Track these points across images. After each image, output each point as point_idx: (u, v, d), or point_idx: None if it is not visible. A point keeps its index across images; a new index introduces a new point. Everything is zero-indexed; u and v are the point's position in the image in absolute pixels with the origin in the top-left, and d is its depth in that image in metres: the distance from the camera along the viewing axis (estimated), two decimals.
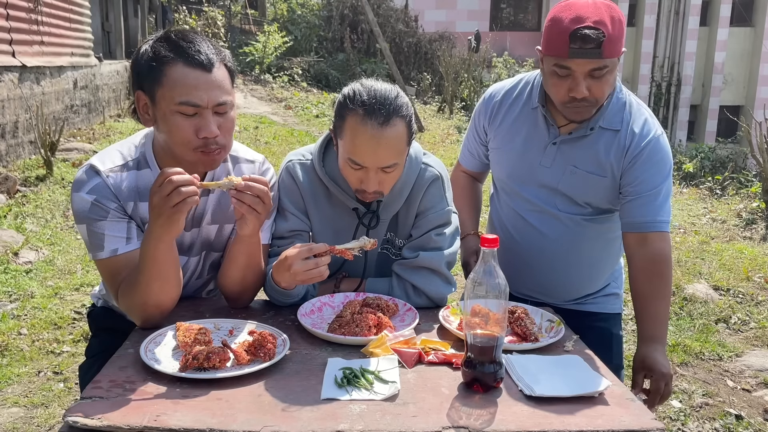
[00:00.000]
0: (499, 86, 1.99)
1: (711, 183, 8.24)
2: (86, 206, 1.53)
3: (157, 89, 1.48)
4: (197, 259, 1.74)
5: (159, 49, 1.48)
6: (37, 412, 2.85)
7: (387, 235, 1.78)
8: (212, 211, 1.68)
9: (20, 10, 6.46)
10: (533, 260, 1.91)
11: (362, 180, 1.58)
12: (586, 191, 1.81)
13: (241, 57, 13.29)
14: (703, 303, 4.23)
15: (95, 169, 1.56)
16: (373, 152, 1.53)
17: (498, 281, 1.25)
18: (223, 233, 1.73)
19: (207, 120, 1.48)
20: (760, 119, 6.79)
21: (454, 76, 12.38)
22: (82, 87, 8.16)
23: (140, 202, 1.57)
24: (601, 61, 1.60)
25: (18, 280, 4.10)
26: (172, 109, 1.47)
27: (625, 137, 1.76)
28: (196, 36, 1.52)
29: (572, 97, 1.66)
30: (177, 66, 1.46)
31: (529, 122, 1.86)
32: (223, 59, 1.53)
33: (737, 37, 15.96)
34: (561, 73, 1.65)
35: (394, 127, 1.54)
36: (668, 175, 1.76)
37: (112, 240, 1.53)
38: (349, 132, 1.55)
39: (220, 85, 1.50)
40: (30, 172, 6.07)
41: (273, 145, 8.50)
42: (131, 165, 1.59)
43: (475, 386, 1.28)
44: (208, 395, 1.22)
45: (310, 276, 1.51)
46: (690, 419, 2.97)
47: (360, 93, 1.55)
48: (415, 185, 1.71)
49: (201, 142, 1.49)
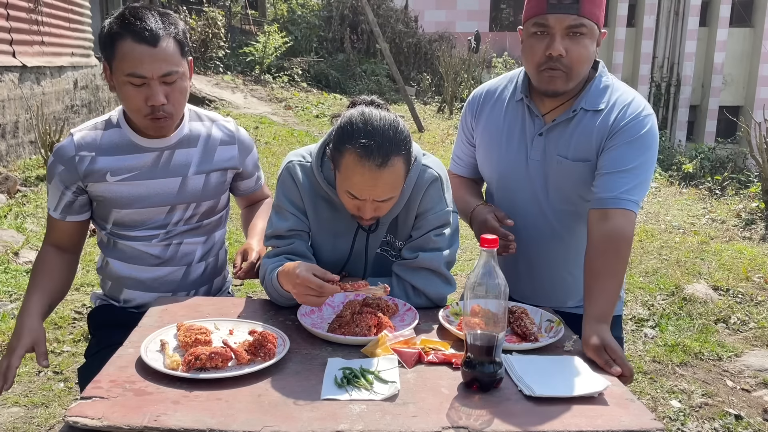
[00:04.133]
0: (483, 86, 1.99)
1: (710, 183, 8.25)
2: (48, 165, 1.81)
3: (112, 61, 1.67)
4: (184, 207, 1.85)
5: (113, 25, 1.66)
6: (37, 411, 2.85)
7: (386, 237, 1.78)
8: (197, 162, 1.84)
9: (20, 10, 6.46)
10: (531, 264, 1.89)
11: (359, 208, 1.59)
12: (575, 183, 1.77)
13: (241, 57, 13.29)
14: (703, 303, 4.24)
15: (70, 133, 1.81)
16: (371, 189, 1.54)
17: (498, 281, 1.25)
18: (210, 182, 1.87)
19: (154, 90, 1.65)
20: (759, 119, 6.80)
21: (453, 77, 12.40)
22: (82, 87, 8.17)
23: (98, 156, 1.77)
24: (578, 18, 1.61)
25: (18, 279, 4.10)
26: (123, 79, 1.66)
27: (609, 116, 1.72)
28: (146, 12, 1.67)
29: (548, 56, 1.64)
30: (126, 41, 1.64)
31: (515, 116, 1.85)
32: (171, 33, 1.68)
33: (737, 37, 15.97)
34: (539, 30, 1.65)
35: (392, 167, 1.52)
36: (645, 155, 1.68)
37: (49, 200, 1.83)
38: (346, 168, 1.54)
39: (166, 57, 1.66)
40: (30, 172, 6.08)
41: (273, 145, 8.51)
42: (99, 126, 1.82)
43: (475, 386, 1.28)
44: (208, 395, 1.22)
45: (308, 301, 1.52)
46: (689, 419, 2.97)
47: (358, 132, 1.51)
48: (415, 187, 1.71)
49: (149, 109, 1.68)
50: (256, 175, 2.04)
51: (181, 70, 1.70)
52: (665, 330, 3.92)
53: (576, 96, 1.76)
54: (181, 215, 1.85)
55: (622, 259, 1.62)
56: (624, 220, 1.62)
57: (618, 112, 1.71)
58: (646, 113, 1.72)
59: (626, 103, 1.73)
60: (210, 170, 1.87)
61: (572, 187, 1.79)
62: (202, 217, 1.89)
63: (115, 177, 1.77)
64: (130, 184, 1.78)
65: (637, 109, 1.72)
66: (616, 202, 1.63)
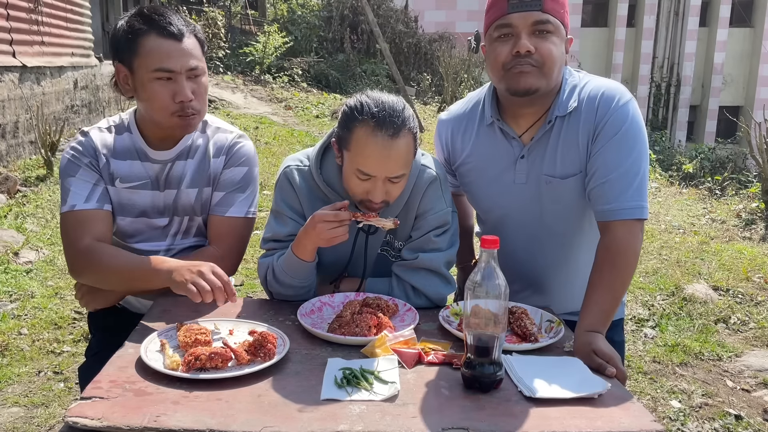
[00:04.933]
0: (445, 119, 1.88)
1: (710, 183, 8.25)
2: (64, 162, 1.72)
3: (135, 59, 1.63)
4: (179, 220, 1.81)
5: (133, 22, 1.63)
6: (37, 411, 2.85)
7: (386, 237, 1.78)
8: (191, 175, 1.78)
9: (20, 10, 6.47)
10: (531, 283, 1.81)
11: (369, 191, 1.59)
12: (570, 201, 1.69)
13: (241, 57, 13.30)
14: (703, 303, 4.24)
15: (83, 131, 1.77)
16: (384, 163, 1.55)
17: (498, 282, 1.25)
18: (203, 196, 1.81)
19: (181, 85, 1.63)
20: (759, 120, 6.80)
21: (453, 77, 12.39)
22: (82, 87, 8.17)
23: (112, 159, 1.74)
24: (542, 14, 1.54)
25: (18, 280, 4.10)
26: (149, 76, 1.62)
27: (587, 115, 1.62)
28: (167, 10, 1.67)
29: (516, 54, 1.56)
30: (150, 37, 1.61)
31: (490, 142, 1.75)
32: (193, 30, 1.67)
33: (737, 37, 15.98)
34: (504, 32, 1.57)
35: (404, 138, 1.55)
36: (635, 148, 1.59)
37: (73, 196, 1.69)
38: (358, 143, 1.55)
39: (191, 52, 1.64)
40: (30, 172, 6.08)
41: (273, 145, 8.51)
42: (112, 127, 1.78)
43: (475, 387, 1.28)
44: (208, 395, 1.22)
45: (333, 234, 1.56)
46: (689, 419, 2.97)
47: (368, 105, 1.56)
48: (414, 187, 1.71)
49: (178, 106, 1.64)
50: (232, 198, 1.77)
51: (203, 66, 1.69)
52: (665, 330, 3.92)
53: (549, 108, 1.66)
54: (177, 227, 1.82)
55: (619, 271, 1.54)
56: (625, 231, 1.56)
57: (594, 107, 1.62)
58: (622, 101, 1.61)
59: (598, 95, 1.63)
60: (203, 185, 1.80)
61: (566, 205, 1.70)
62: (198, 231, 1.85)
63: (124, 183, 1.75)
64: (135, 193, 1.75)
65: (612, 100, 1.61)
66: (616, 214, 1.57)
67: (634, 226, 1.57)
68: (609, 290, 1.54)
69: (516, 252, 1.76)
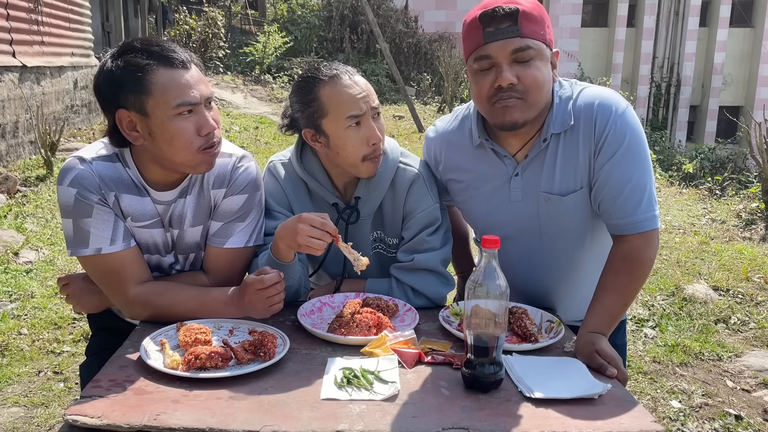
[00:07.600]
0: (434, 136, 1.82)
1: (710, 183, 8.25)
2: (70, 201, 1.52)
3: (147, 100, 1.44)
4: (183, 257, 1.72)
5: (132, 59, 1.44)
6: (37, 411, 2.85)
7: (375, 234, 1.79)
8: (192, 214, 1.65)
9: (20, 10, 6.47)
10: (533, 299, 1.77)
11: (368, 137, 1.63)
12: (569, 218, 1.64)
13: (241, 57, 13.30)
14: (703, 303, 4.24)
15: (80, 157, 1.55)
16: (365, 97, 1.62)
17: (499, 282, 1.25)
18: (207, 231, 1.70)
19: (204, 116, 1.49)
20: (759, 120, 6.80)
21: (453, 77, 12.38)
22: (82, 87, 8.17)
23: (121, 194, 1.56)
24: (521, 40, 1.45)
25: (18, 280, 4.10)
26: (170, 114, 1.44)
27: (582, 129, 1.57)
28: (161, 40, 1.52)
29: (498, 88, 1.48)
30: (159, 71, 1.44)
31: (481, 161, 1.69)
32: (190, 56, 1.52)
33: (737, 37, 15.98)
34: (483, 65, 1.50)
35: (359, 74, 1.68)
36: (639, 158, 1.55)
37: (96, 239, 1.53)
38: (331, 100, 1.62)
39: (202, 79, 1.51)
40: (30, 172, 6.08)
41: (273, 145, 8.51)
42: (111, 157, 1.58)
43: (475, 387, 1.28)
44: (208, 395, 1.22)
45: (310, 243, 1.49)
46: (689, 419, 2.97)
47: (318, 68, 1.66)
48: (397, 186, 1.72)
49: (203, 140, 1.49)
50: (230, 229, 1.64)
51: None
52: (665, 330, 3.92)
53: (542, 126, 1.59)
54: (183, 264, 1.73)
55: (633, 279, 1.54)
56: (643, 241, 1.55)
57: (591, 120, 1.56)
58: (620, 110, 1.56)
59: (594, 106, 1.57)
60: (205, 220, 1.67)
61: (567, 222, 1.66)
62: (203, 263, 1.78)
63: (135, 222, 1.60)
64: (147, 231, 1.63)
65: (609, 110, 1.55)
66: (632, 227, 1.55)
67: (650, 236, 1.56)
68: (620, 295, 1.53)
69: (516, 269, 1.66)
